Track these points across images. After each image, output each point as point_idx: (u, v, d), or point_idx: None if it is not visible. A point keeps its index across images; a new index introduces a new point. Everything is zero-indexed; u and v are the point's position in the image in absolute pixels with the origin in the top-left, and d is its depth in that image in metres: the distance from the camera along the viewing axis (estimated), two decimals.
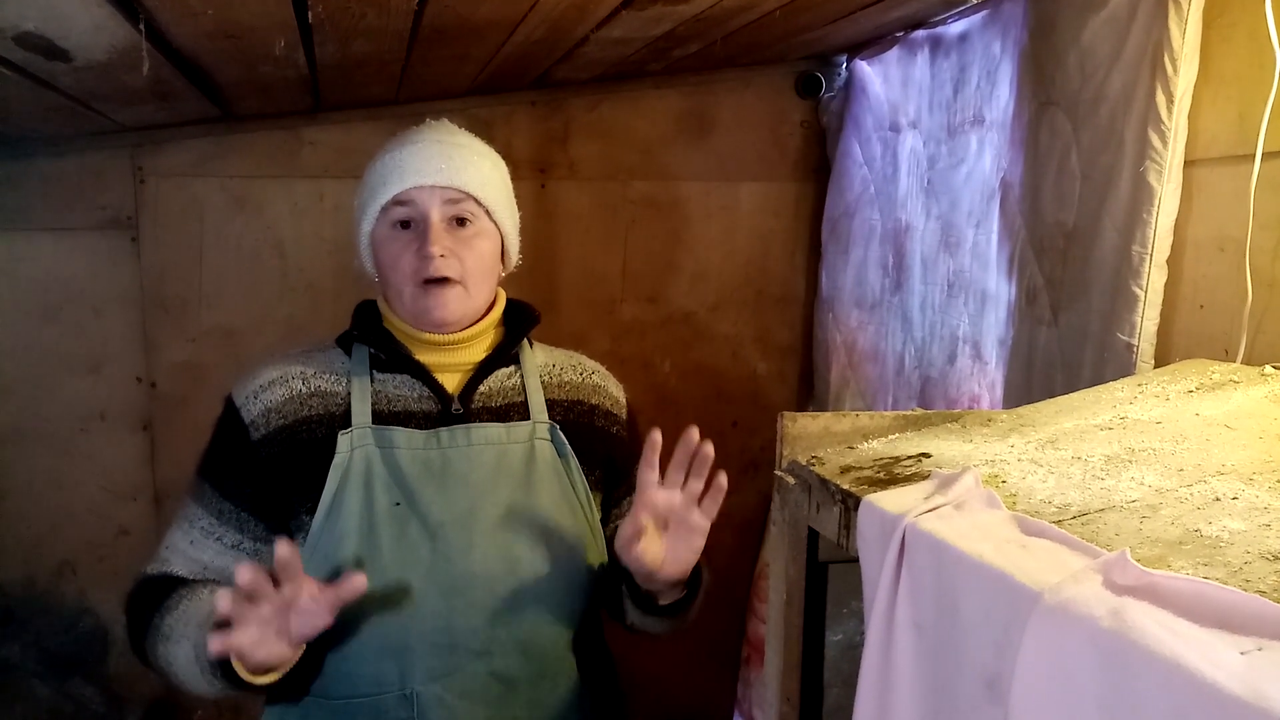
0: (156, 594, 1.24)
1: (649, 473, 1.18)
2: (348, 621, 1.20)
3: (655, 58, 2.11)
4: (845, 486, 0.93)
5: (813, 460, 1.03)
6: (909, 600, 0.78)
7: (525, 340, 1.40)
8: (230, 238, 2.33)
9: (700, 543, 1.21)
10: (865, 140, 2.35)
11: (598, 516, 1.36)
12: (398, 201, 1.28)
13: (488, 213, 1.32)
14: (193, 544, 1.28)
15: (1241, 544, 0.68)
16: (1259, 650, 0.53)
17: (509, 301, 1.40)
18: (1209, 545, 0.69)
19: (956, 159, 1.94)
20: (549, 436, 1.33)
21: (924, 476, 0.90)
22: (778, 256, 2.66)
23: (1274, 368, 1.12)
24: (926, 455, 0.98)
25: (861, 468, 0.98)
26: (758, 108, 2.58)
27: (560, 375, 1.40)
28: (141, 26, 1.17)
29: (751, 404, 2.68)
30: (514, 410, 1.34)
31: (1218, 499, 0.78)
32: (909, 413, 1.14)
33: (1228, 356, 1.23)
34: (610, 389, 1.45)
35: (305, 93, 1.98)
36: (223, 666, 1.10)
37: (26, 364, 2.26)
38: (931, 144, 2.05)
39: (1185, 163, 1.31)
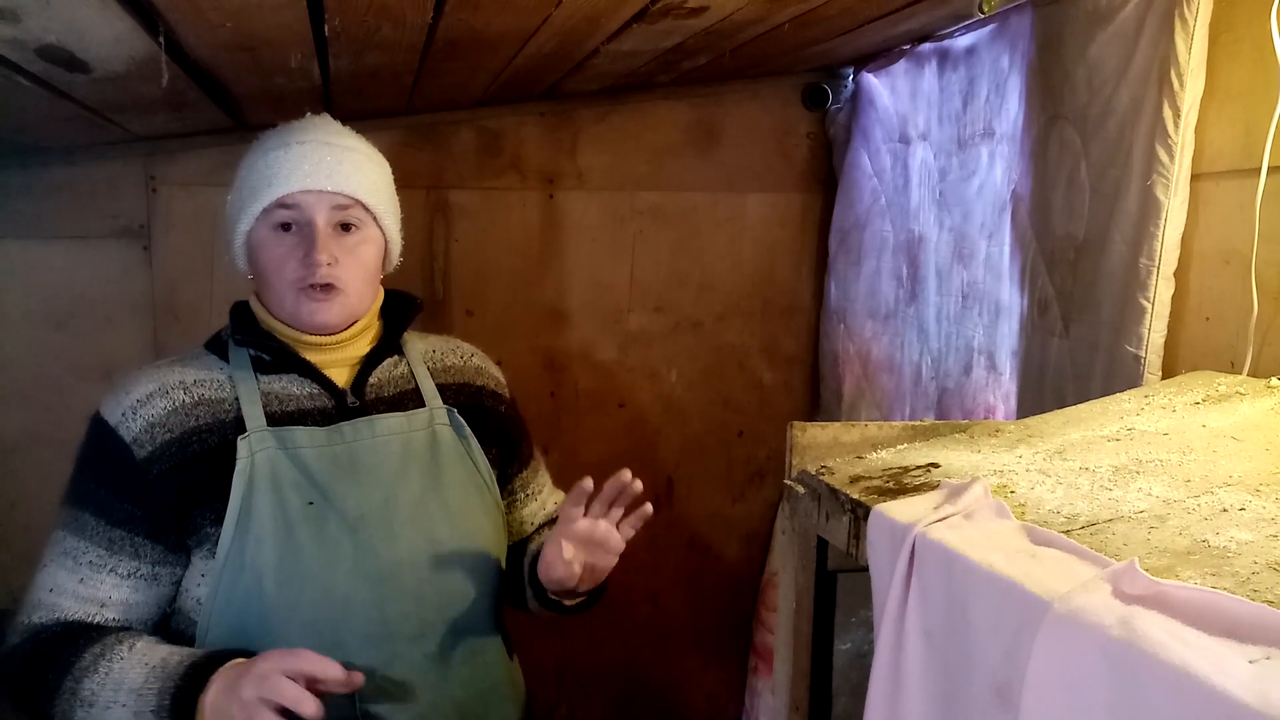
0: (58, 649, 1.15)
1: (574, 509, 1.23)
2: (279, 626, 1.19)
3: (664, 69, 2.12)
4: (855, 496, 0.93)
5: (822, 470, 1.04)
6: (919, 609, 0.79)
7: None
8: None
9: (613, 561, 1.26)
10: (874, 152, 2.36)
11: (498, 492, 1.40)
12: (281, 204, 1.26)
13: (374, 218, 1.31)
14: (83, 582, 1.19)
15: (1249, 554, 0.69)
16: (1267, 659, 0.54)
17: (387, 292, 1.40)
18: (1217, 555, 0.70)
19: (968, 171, 1.95)
20: (448, 421, 1.35)
21: (933, 486, 0.91)
22: (784, 267, 2.67)
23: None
24: (935, 465, 0.99)
25: (871, 477, 0.99)
26: (764, 119, 2.59)
27: (443, 360, 1.43)
28: (161, 39, 1.18)
29: (758, 414, 2.68)
30: (407, 398, 1.35)
31: (1225, 510, 0.78)
32: (917, 423, 1.15)
33: (1234, 368, 1.24)
34: (490, 370, 1.49)
35: (317, 103, 1.99)
36: None
37: (38, 371, 2.27)
38: (942, 156, 2.06)
39: (1192, 176, 1.32)
